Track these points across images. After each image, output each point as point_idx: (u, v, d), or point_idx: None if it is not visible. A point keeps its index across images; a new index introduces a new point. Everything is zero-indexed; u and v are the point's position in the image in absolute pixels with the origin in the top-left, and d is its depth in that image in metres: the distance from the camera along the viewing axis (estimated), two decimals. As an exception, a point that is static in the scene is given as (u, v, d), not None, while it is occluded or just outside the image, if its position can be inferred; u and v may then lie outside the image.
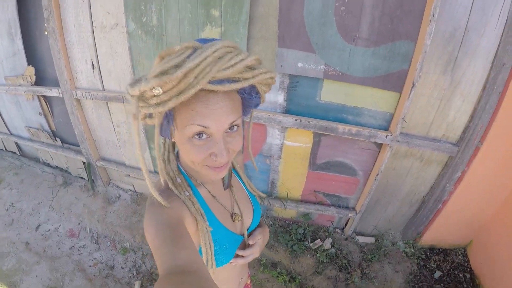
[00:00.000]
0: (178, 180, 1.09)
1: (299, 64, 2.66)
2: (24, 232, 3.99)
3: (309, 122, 2.82)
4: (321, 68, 2.65)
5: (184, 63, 0.75)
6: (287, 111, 2.93)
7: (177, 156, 1.16)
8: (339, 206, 3.53)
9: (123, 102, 3.27)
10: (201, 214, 1.06)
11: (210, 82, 0.80)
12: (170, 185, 1.06)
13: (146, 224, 0.93)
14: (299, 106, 2.89)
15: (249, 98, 0.95)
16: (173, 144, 1.14)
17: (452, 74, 2.55)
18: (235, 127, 0.93)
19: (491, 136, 2.69)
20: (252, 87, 0.94)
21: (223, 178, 1.22)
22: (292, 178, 3.40)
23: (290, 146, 3.15)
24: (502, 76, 2.46)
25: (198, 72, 0.76)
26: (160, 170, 1.03)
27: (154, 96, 0.77)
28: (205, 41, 0.85)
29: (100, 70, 3.30)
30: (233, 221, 1.23)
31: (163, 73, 0.75)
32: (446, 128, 2.81)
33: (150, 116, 0.88)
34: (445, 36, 2.41)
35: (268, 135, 3.12)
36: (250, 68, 0.87)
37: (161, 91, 0.76)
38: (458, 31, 2.38)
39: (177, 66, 0.75)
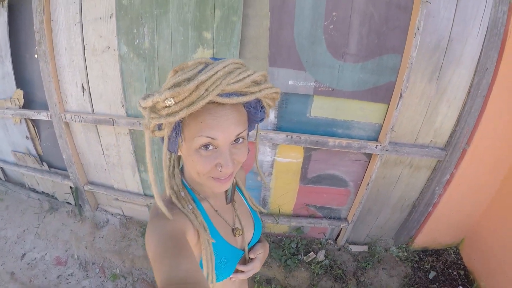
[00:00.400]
0: (182, 193, 1.13)
1: (290, 82, 2.81)
2: (9, 261, 3.91)
3: (300, 137, 2.95)
4: (311, 84, 2.80)
5: (196, 76, 0.84)
6: (278, 128, 3.05)
7: (182, 171, 1.21)
8: (331, 218, 3.65)
9: (113, 125, 3.32)
10: (204, 227, 1.09)
11: (219, 95, 0.87)
12: (173, 199, 1.10)
13: (148, 234, 0.96)
14: (290, 123, 3.01)
15: (255, 112, 1.02)
16: (178, 159, 1.20)
17: (438, 83, 2.77)
18: (241, 139, 0.99)
19: (478, 138, 2.92)
20: (258, 101, 1.01)
21: (226, 192, 1.28)
22: (284, 194, 3.49)
23: (281, 162, 3.26)
24: (486, 80, 2.70)
25: (209, 85, 0.84)
26: (166, 183, 1.08)
27: (166, 106, 0.85)
28: (215, 59, 0.93)
29: (90, 93, 3.35)
30: (234, 236, 1.26)
31: (176, 85, 0.83)
32: (434, 134, 3.01)
33: (160, 128, 0.96)
34: (430, 47, 2.63)
35: (259, 153, 3.22)
36: (257, 83, 0.94)
37: (173, 102, 0.83)
38: (442, 41, 2.61)
39: (189, 79, 0.84)
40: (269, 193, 3.52)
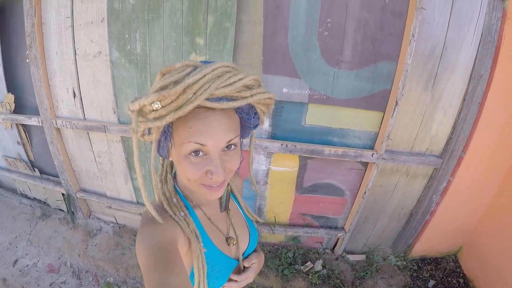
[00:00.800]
0: (174, 200, 1.11)
1: (284, 90, 2.81)
2: (1, 267, 3.90)
3: (295, 146, 2.94)
4: (306, 92, 2.80)
5: (184, 79, 0.82)
6: (273, 136, 3.05)
7: (175, 177, 1.19)
8: (328, 227, 3.64)
9: (105, 132, 3.31)
10: (196, 235, 1.07)
11: (208, 99, 0.84)
12: (165, 205, 1.08)
13: (138, 243, 0.96)
14: (284, 131, 3.01)
15: (247, 118, 1.00)
16: (171, 165, 1.18)
17: (433, 90, 2.77)
18: (233, 146, 0.96)
19: (473, 145, 2.93)
20: (251, 107, 0.98)
21: (220, 200, 1.26)
22: (280, 203, 3.49)
23: (277, 171, 3.26)
24: (481, 87, 2.71)
25: (197, 89, 0.82)
26: (155, 188, 1.08)
27: (153, 110, 0.83)
28: (206, 62, 0.90)
29: (81, 99, 3.34)
30: (228, 245, 1.23)
31: (163, 88, 0.81)
32: (430, 141, 3.01)
33: (149, 132, 0.94)
34: (425, 54, 2.64)
35: (254, 161, 3.21)
36: (249, 87, 0.92)
37: (160, 105, 0.82)
38: (437, 48, 2.61)
39: (176, 82, 0.82)
40: (265, 202, 3.51)
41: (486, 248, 3.34)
